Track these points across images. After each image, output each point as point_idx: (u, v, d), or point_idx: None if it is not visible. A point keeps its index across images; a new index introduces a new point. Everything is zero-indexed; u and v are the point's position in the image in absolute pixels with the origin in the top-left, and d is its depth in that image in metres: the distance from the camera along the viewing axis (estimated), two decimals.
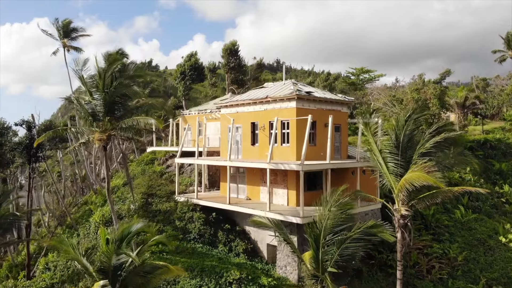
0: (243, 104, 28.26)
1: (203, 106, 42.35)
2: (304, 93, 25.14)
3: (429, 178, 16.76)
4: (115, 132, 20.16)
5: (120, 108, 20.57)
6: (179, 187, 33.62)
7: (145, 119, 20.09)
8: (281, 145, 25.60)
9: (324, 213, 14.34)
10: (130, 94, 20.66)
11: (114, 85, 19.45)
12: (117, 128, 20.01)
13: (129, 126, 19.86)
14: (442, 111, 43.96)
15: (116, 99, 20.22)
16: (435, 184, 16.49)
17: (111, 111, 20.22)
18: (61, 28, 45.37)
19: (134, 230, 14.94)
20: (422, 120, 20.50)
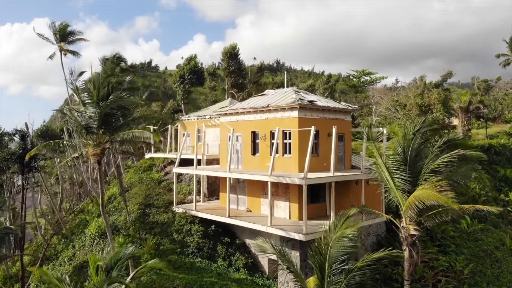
0: (243, 113, 27.39)
1: (203, 111, 41.49)
2: (307, 102, 24.28)
3: (440, 198, 15.90)
4: (109, 146, 19.26)
5: (115, 120, 19.69)
6: (178, 196, 32.77)
7: (141, 132, 19.22)
8: (282, 155, 24.73)
9: (328, 241, 13.48)
10: (127, 104, 19.77)
11: (109, 99, 18.53)
12: (112, 141, 19.14)
13: (124, 139, 18.99)
14: (446, 116, 43.10)
15: (112, 111, 19.35)
16: (447, 204, 15.62)
17: (105, 123, 19.36)
18: (57, 32, 44.47)
19: (126, 255, 14.04)
20: (431, 133, 19.64)
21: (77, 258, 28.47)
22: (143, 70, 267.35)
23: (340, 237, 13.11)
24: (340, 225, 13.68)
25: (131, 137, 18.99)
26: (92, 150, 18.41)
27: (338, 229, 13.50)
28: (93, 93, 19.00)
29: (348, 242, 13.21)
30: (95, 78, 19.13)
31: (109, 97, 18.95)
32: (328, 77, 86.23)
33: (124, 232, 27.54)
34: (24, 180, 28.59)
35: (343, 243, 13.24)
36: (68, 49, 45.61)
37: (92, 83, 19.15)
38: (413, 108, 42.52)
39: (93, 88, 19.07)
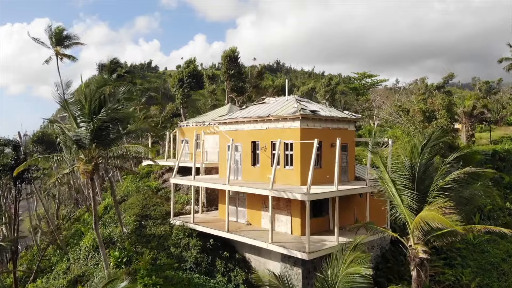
0: (243, 122, 26.48)
1: (201, 118, 40.58)
2: (309, 112, 23.36)
3: (445, 221, 15.06)
4: (102, 160, 18.32)
5: (108, 134, 18.75)
6: (176, 206, 31.85)
7: (134, 147, 18.26)
8: (284, 167, 23.81)
9: (336, 275, 12.55)
10: (121, 117, 18.82)
11: (102, 112, 17.57)
12: (105, 156, 18.20)
13: (117, 155, 18.05)
14: (451, 122, 42.15)
15: (105, 125, 18.40)
16: (451, 228, 14.84)
17: (98, 137, 18.42)
18: (53, 36, 43.51)
19: None
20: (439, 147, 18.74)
21: (71, 272, 27.54)
22: (143, 70, 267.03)
23: (352, 273, 12.15)
24: (349, 253, 12.72)
25: (125, 152, 18.05)
26: (83, 167, 17.45)
27: (347, 257, 12.55)
28: (85, 106, 18.06)
29: (360, 279, 12.25)
30: (86, 90, 18.17)
31: (101, 109, 18.02)
32: (329, 79, 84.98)
33: (120, 245, 26.62)
34: (16, 191, 27.64)
35: (354, 279, 12.29)
36: (64, 53, 44.69)
37: (83, 95, 18.18)
38: (417, 113, 41.54)
39: (84, 100, 18.13)
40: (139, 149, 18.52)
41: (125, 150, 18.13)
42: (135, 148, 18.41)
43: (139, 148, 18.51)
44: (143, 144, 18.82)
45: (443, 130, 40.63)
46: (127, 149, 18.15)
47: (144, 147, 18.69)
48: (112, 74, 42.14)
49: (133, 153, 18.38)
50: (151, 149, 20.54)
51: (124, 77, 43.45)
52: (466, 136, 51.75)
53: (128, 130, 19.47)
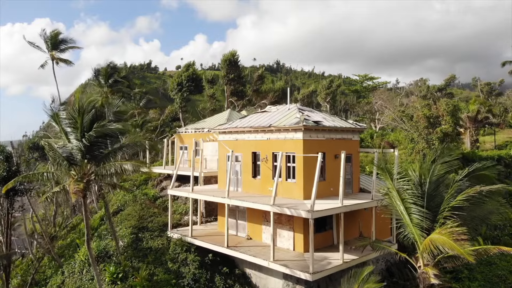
0: (243, 132, 25.53)
1: (200, 124, 39.64)
2: (312, 122, 22.40)
3: (456, 248, 14.14)
4: (94, 177, 17.34)
5: (101, 149, 17.75)
6: (174, 216, 30.93)
7: (126, 163, 17.25)
8: (286, 180, 22.85)
9: None
10: (114, 132, 17.81)
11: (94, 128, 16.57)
12: (97, 174, 17.22)
13: (109, 173, 17.07)
14: (455, 128, 41.21)
15: (97, 140, 17.41)
16: (463, 255, 13.93)
17: (90, 153, 17.44)
18: (48, 40, 42.57)
19: None
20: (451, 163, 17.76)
21: (66, 287, 26.60)
22: (142, 71, 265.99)
23: None
24: None
25: (119, 170, 17.08)
26: (73, 186, 16.44)
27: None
28: (77, 120, 17.07)
29: None
30: (78, 103, 17.17)
31: (93, 123, 17.06)
32: (330, 82, 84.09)
33: (116, 259, 25.67)
34: (8, 204, 26.66)
35: None
36: (60, 58, 43.75)
37: (76, 108, 17.18)
38: (421, 119, 40.59)
39: (76, 114, 17.14)
40: (129, 166, 17.46)
41: (119, 167, 17.15)
42: (127, 164, 17.35)
43: (129, 166, 17.44)
44: (137, 161, 17.67)
45: (447, 135, 39.83)
46: (121, 166, 17.16)
47: (136, 163, 17.60)
48: (109, 79, 41.15)
49: (127, 170, 17.38)
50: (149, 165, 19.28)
51: (121, 82, 42.44)
52: (470, 141, 50.80)
53: (122, 145, 18.44)
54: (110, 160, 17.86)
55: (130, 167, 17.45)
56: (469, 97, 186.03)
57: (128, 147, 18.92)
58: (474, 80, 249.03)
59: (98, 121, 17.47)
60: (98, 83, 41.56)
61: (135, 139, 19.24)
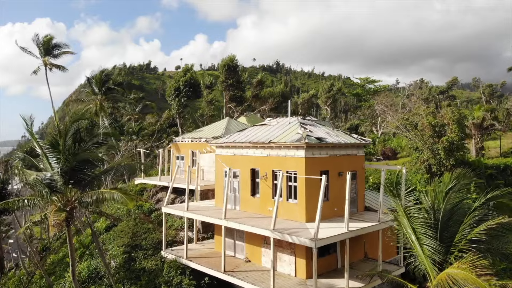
0: (241, 147, 24.14)
1: (197, 133, 38.23)
2: (315, 139, 21.00)
3: (481, 284, 12.75)
4: (78, 204, 15.92)
5: (84, 175, 16.32)
6: (169, 232, 29.57)
7: (111, 193, 15.81)
8: (287, 200, 21.46)
9: None
10: (95, 160, 16.34)
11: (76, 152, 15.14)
12: (80, 202, 15.81)
13: (91, 201, 15.65)
14: (462, 137, 39.76)
15: (82, 165, 15.99)
16: None
17: (73, 178, 16.02)
18: (41, 45, 41.09)
19: None
20: (466, 190, 16.43)
21: None
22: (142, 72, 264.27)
23: None
24: None
25: (101, 198, 15.66)
26: (53, 217, 14.88)
27: None
28: (59, 143, 15.64)
29: None
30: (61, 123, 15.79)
31: (77, 145, 15.66)
32: (330, 85, 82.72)
33: (107, 281, 24.28)
34: None
35: None
36: (53, 63, 42.28)
37: (57, 129, 15.76)
38: (426, 128, 39.18)
39: (58, 136, 15.71)
40: (117, 196, 16.04)
41: (102, 196, 15.71)
42: (112, 194, 15.94)
43: (117, 195, 16.02)
44: (125, 193, 16.14)
45: (453, 144, 38.41)
46: (104, 195, 15.71)
47: (122, 195, 16.15)
48: (103, 86, 39.72)
49: (111, 200, 15.97)
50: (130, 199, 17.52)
51: (115, 90, 41.02)
52: (476, 148, 49.40)
53: (107, 169, 17.01)
54: (95, 185, 16.45)
55: (118, 197, 16.01)
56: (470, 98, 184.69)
57: (115, 171, 17.54)
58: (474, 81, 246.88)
59: (82, 143, 16.09)
60: (92, 90, 40.14)
61: (123, 162, 17.82)
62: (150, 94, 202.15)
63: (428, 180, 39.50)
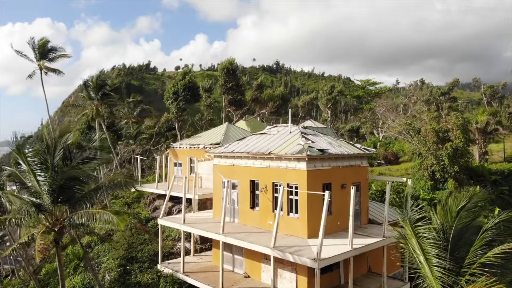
0: (240, 157, 23.26)
1: (195, 139, 37.36)
2: (317, 151, 20.12)
3: None
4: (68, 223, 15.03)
5: (73, 193, 15.41)
6: (165, 242, 28.75)
7: (102, 215, 14.91)
8: (287, 214, 20.60)
9: None
10: (84, 177, 15.42)
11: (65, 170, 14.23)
12: (70, 222, 14.91)
13: (80, 223, 14.75)
14: (466, 143, 38.92)
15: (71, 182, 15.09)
16: None
17: (62, 195, 15.13)
18: (37, 49, 40.21)
19: None
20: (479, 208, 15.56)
21: None
22: (141, 72, 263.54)
23: None
24: None
25: (91, 219, 14.74)
26: (40, 241, 13.97)
27: None
28: (47, 159, 14.75)
29: None
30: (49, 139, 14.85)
31: (67, 161, 14.78)
32: (331, 87, 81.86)
33: None
34: None
35: None
36: (49, 67, 41.41)
37: (45, 144, 14.86)
38: (429, 134, 38.32)
39: (46, 152, 14.82)
40: (110, 217, 15.12)
41: (93, 216, 14.80)
42: (103, 216, 15.02)
43: (110, 217, 15.10)
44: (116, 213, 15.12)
45: (457, 150, 37.55)
46: (94, 215, 14.79)
47: (113, 216, 15.22)
48: (99, 91, 38.82)
49: (101, 221, 15.06)
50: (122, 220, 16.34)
51: (111, 96, 40.11)
52: (479, 153, 48.57)
53: (99, 186, 16.06)
54: (86, 203, 15.56)
55: (108, 218, 15.08)
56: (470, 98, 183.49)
57: (108, 188, 16.63)
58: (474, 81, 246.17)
59: (71, 160, 15.20)
60: (88, 95, 39.24)
61: (115, 178, 16.93)
62: (149, 95, 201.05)
63: (431, 187, 38.69)
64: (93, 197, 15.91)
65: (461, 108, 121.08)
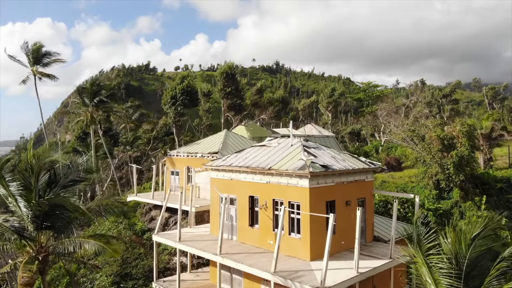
0: (238, 171, 22.16)
1: (193, 147, 36.25)
2: (320, 167, 19.02)
3: None
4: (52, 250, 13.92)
5: (58, 219, 14.29)
6: (161, 257, 27.65)
7: (91, 244, 13.81)
8: (289, 234, 19.51)
9: None
10: (68, 206, 14.24)
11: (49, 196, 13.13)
12: (55, 250, 13.81)
13: (68, 251, 13.67)
14: (472, 151, 37.82)
15: (54, 209, 13.97)
16: None
17: (46, 222, 14.03)
18: (30, 54, 39.11)
19: None
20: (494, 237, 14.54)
21: None
22: (140, 72, 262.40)
23: None
24: None
25: (78, 248, 13.65)
26: (22, 273, 12.79)
27: None
28: (31, 182, 13.64)
29: None
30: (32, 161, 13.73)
31: (52, 185, 13.69)
32: (331, 90, 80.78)
33: None
34: None
35: None
36: (43, 72, 40.33)
37: (29, 166, 13.72)
38: (434, 141, 37.21)
39: (29, 174, 13.68)
40: (97, 247, 13.97)
41: (79, 244, 13.72)
42: (90, 245, 13.90)
43: (97, 246, 13.95)
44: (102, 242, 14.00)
45: (462, 158, 36.45)
46: (81, 244, 13.70)
47: (104, 245, 14.15)
48: (94, 98, 37.71)
49: (89, 251, 13.96)
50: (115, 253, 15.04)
51: (106, 103, 38.99)
52: (484, 159, 47.45)
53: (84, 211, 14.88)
54: (73, 229, 14.45)
55: (98, 247, 13.97)
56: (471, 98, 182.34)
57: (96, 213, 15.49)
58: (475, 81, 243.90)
59: (57, 182, 14.11)
60: (83, 102, 38.13)
61: (105, 201, 15.77)
62: (148, 96, 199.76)
63: (436, 197, 37.59)
64: (81, 221, 14.81)
65: (462, 109, 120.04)
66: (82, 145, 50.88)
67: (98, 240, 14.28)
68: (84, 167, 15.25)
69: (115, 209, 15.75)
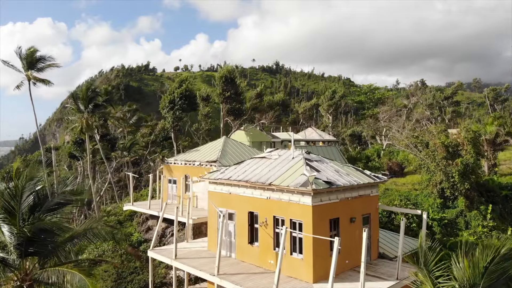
0: (237, 185, 21.18)
1: (191, 154, 35.26)
2: (323, 183, 18.04)
3: None
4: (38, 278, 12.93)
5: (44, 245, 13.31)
6: (158, 270, 26.68)
7: (73, 276, 12.79)
8: (290, 254, 18.54)
9: None
10: (55, 229, 13.29)
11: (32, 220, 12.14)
12: (38, 281, 12.83)
13: (51, 283, 12.69)
14: (477, 158, 36.86)
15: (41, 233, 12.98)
16: None
17: (30, 247, 13.04)
18: (24, 58, 38.10)
19: None
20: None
21: None
22: (140, 73, 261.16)
23: None
24: None
25: (62, 278, 12.66)
26: None
27: None
28: (14, 206, 12.65)
29: None
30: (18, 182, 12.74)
31: (36, 208, 12.74)
32: (332, 92, 79.83)
33: None
34: None
35: None
36: (37, 77, 39.32)
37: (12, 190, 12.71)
38: (438, 148, 36.22)
39: (12, 198, 12.69)
40: (78, 279, 12.95)
41: (63, 276, 12.68)
42: (73, 276, 12.86)
43: (78, 278, 12.93)
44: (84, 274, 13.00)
45: (468, 166, 35.47)
46: (65, 275, 12.66)
47: (86, 279, 13.17)
48: (89, 103, 36.72)
49: (72, 282, 12.93)
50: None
51: (103, 106, 37.99)
52: (488, 165, 46.48)
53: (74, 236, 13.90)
54: (59, 255, 13.47)
55: (78, 279, 12.95)
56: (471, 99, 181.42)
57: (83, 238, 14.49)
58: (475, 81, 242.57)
59: (42, 206, 13.14)
60: (77, 108, 37.14)
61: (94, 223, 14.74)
62: (148, 96, 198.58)
63: (441, 205, 36.61)
64: (68, 246, 13.85)
65: (463, 111, 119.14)
66: (79, 150, 49.95)
67: (82, 271, 13.24)
68: (71, 189, 14.25)
69: (104, 234, 14.71)
